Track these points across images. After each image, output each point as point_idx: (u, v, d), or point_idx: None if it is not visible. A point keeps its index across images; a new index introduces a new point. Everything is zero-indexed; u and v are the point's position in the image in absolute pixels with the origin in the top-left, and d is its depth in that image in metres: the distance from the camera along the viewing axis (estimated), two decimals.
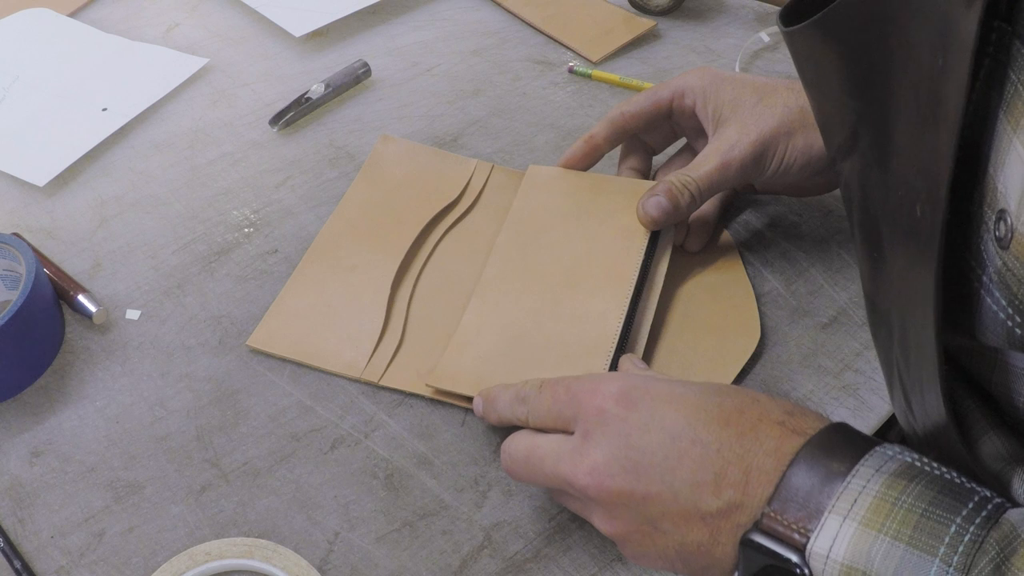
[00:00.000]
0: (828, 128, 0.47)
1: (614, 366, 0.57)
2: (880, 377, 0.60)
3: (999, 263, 0.37)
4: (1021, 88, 0.34)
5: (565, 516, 0.54)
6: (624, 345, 0.59)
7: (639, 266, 0.62)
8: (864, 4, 0.40)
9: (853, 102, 0.43)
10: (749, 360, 0.61)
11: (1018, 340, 0.38)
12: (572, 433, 0.47)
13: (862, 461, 0.40)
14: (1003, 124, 0.35)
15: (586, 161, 0.68)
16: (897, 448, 0.41)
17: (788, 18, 0.44)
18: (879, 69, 0.40)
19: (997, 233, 0.36)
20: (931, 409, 0.43)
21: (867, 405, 0.59)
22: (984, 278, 0.38)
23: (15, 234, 0.64)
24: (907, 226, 0.39)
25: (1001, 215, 0.36)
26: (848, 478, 0.39)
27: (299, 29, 0.85)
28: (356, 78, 0.81)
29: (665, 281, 0.63)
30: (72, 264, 0.67)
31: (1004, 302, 0.37)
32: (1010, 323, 0.37)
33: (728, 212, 0.71)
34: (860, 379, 0.61)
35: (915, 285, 0.39)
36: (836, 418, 0.58)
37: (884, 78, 0.40)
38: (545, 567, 0.52)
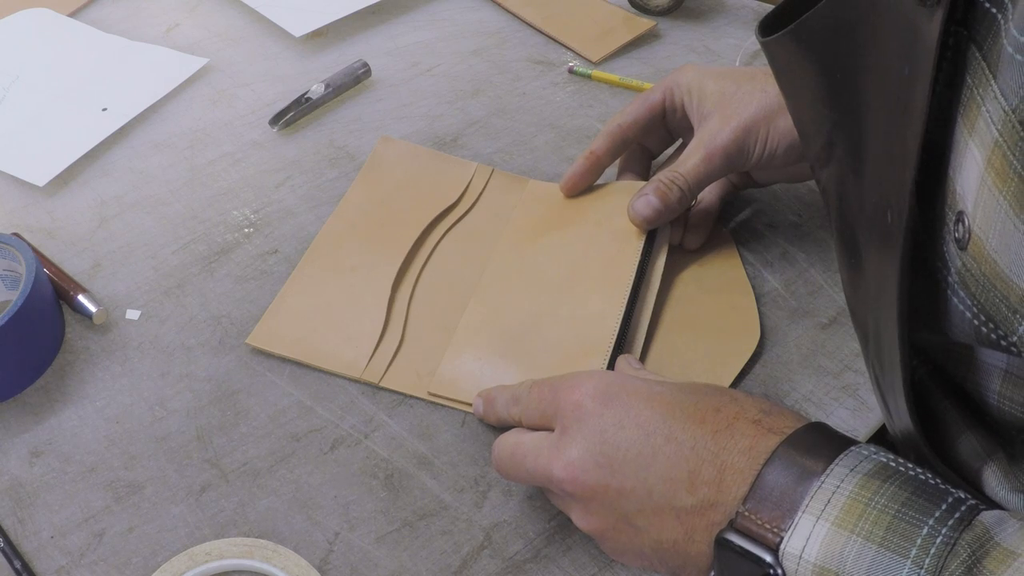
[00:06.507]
0: (806, 137, 0.48)
1: (612, 367, 0.57)
2: None
3: (959, 264, 0.37)
4: (976, 92, 0.34)
5: (565, 516, 0.54)
6: (622, 345, 0.59)
7: (636, 266, 0.62)
8: (836, 14, 0.40)
9: (828, 111, 0.43)
10: (749, 360, 0.61)
11: (985, 338, 0.38)
12: (554, 430, 0.48)
13: (837, 460, 0.40)
14: (960, 127, 0.36)
15: (589, 177, 0.68)
16: (872, 448, 0.41)
17: (768, 28, 0.45)
18: (851, 78, 0.41)
19: (956, 234, 0.37)
20: (903, 412, 0.43)
21: (867, 405, 0.59)
22: (949, 278, 0.39)
23: (15, 234, 0.64)
24: (880, 233, 0.40)
25: (959, 216, 0.36)
26: (822, 477, 0.39)
27: (299, 29, 0.85)
28: (356, 78, 0.81)
29: (665, 281, 0.64)
30: (72, 264, 0.67)
31: (969, 301, 0.38)
32: (976, 321, 0.38)
33: (728, 212, 0.71)
34: (860, 379, 0.61)
35: (886, 291, 0.40)
36: (836, 419, 0.58)
37: (856, 87, 0.40)
38: (545, 567, 0.52)
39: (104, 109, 0.79)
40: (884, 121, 0.39)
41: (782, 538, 0.39)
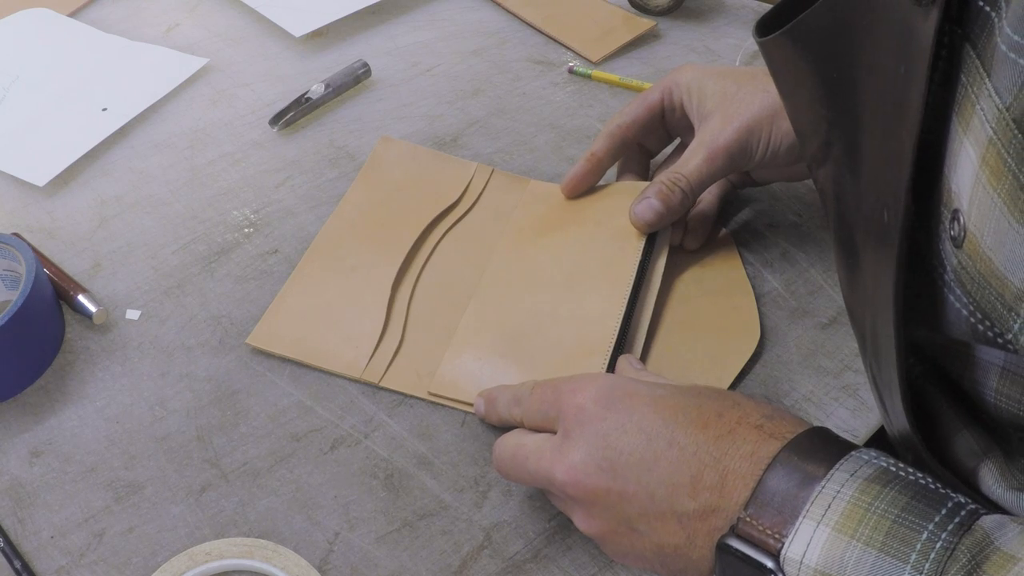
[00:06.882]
0: (803, 136, 0.48)
1: (612, 367, 0.57)
2: None
3: (955, 262, 0.38)
4: (970, 90, 0.34)
5: (565, 516, 0.54)
6: (622, 346, 0.59)
7: (636, 266, 0.62)
8: (832, 14, 0.40)
9: (825, 111, 0.44)
10: (749, 360, 0.61)
11: (981, 335, 0.38)
12: (556, 432, 0.48)
13: (837, 465, 0.40)
14: (955, 125, 0.36)
15: (591, 178, 0.68)
16: (873, 452, 0.41)
17: (765, 28, 0.45)
18: (848, 78, 0.41)
19: (952, 232, 0.37)
20: (899, 411, 0.43)
21: (867, 405, 0.59)
22: (945, 276, 0.39)
23: (15, 234, 0.64)
24: (877, 232, 0.40)
25: (955, 215, 0.37)
26: (823, 482, 0.39)
27: (299, 29, 0.85)
28: (356, 78, 0.81)
29: (665, 282, 0.64)
30: (72, 264, 0.67)
31: (965, 299, 0.38)
32: (972, 319, 0.38)
33: (728, 212, 0.71)
34: (860, 379, 0.61)
35: (883, 289, 0.40)
36: (836, 419, 0.58)
37: (853, 87, 0.41)
38: (545, 567, 0.52)
39: (104, 109, 0.79)
40: (880, 120, 0.39)
41: (783, 544, 0.39)
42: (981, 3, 0.33)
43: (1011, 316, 0.35)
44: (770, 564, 0.39)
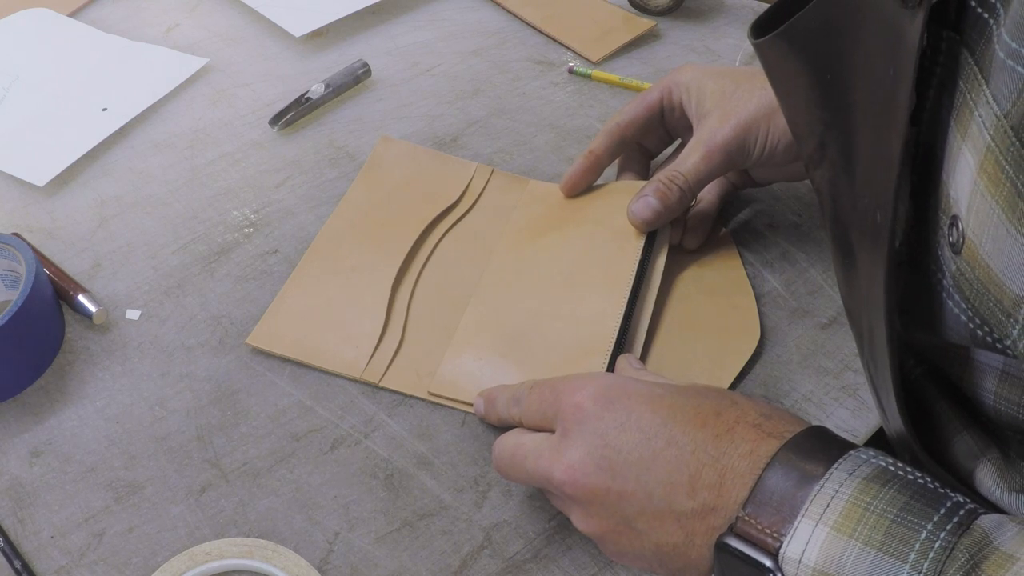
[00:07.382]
0: (799, 138, 0.48)
1: (612, 366, 0.57)
2: None
3: (954, 268, 0.38)
4: (968, 96, 0.35)
5: (565, 516, 0.54)
6: (622, 345, 0.59)
7: (636, 266, 0.62)
8: (824, 16, 0.40)
9: (820, 112, 0.44)
10: (749, 360, 0.61)
11: (980, 340, 0.38)
12: (555, 432, 0.48)
13: (836, 464, 0.40)
14: (953, 132, 0.36)
15: (589, 176, 0.68)
16: (872, 452, 0.41)
17: (761, 29, 0.45)
18: (841, 79, 0.41)
19: (950, 239, 0.37)
20: (895, 412, 0.43)
21: (867, 405, 0.59)
22: (944, 282, 0.39)
23: (15, 234, 0.64)
24: (871, 233, 0.40)
25: (953, 221, 0.37)
26: (822, 481, 0.39)
27: (299, 29, 0.85)
28: (356, 78, 0.81)
29: (665, 282, 0.64)
30: (72, 264, 0.67)
31: (964, 305, 0.38)
32: (971, 324, 0.38)
33: (727, 212, 0.71)
34: (860, 379, 0.61)
35: (876, 291, 0.40)
36: (836, 419, 0.58)
37: (846, 88, 0.41)
38: (545, 567, 0.52)
39: (104, 109, 0.79)
40: (872, 122, 0.39)
41: (782, 543, 0.39)
42: (979, 10, 0.33)
43: (1010, 322, 0.35)
44: (769, 563, 0.39)
